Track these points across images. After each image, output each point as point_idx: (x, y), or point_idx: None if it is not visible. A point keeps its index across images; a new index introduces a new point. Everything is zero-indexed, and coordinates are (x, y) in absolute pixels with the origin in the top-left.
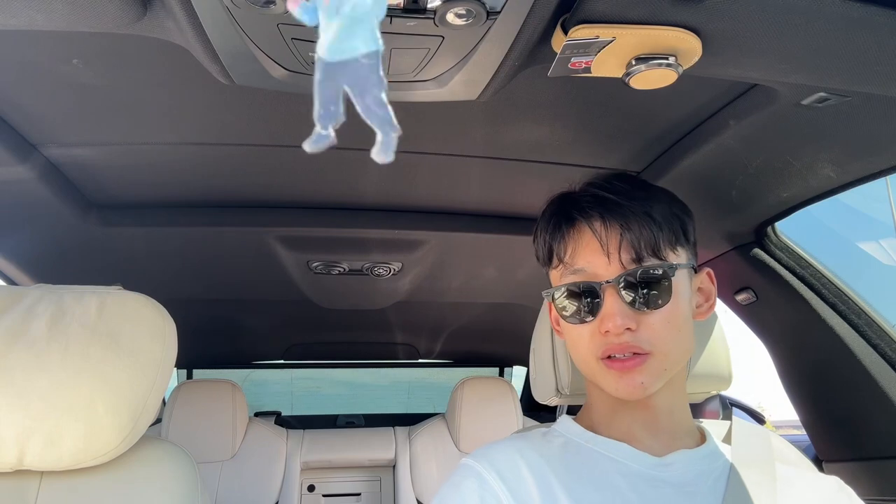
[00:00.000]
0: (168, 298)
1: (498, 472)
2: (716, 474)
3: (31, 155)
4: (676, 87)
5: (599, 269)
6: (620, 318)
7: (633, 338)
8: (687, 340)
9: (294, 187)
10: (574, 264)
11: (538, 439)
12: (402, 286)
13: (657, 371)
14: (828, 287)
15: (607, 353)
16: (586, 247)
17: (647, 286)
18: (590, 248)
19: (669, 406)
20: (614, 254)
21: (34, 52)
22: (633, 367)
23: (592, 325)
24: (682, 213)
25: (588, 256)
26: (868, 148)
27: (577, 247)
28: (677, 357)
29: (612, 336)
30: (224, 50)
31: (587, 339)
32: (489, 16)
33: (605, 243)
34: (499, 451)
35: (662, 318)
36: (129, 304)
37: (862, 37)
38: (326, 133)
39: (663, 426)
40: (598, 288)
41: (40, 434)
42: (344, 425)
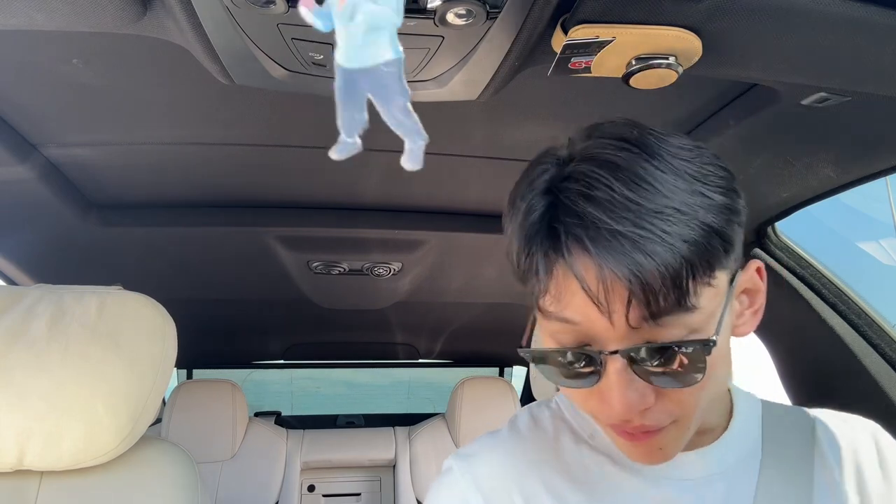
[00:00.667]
0: (168, 298)
1: (481, 491)
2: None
3: (31, 155)
4: (676, 87)
5: (598, 328)
6: (631, 402)
7: (648, 417)
8: (724, 382)
9: (294, 187)
10: (560, 313)
11: (537, 438)
12: (402, 286)
13: (681, 436)
14: (828, 287)
15: (618, 427)
16: (575, 293)
17: (671, 362)
18: (581, 296)
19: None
20: (619, 312)
21: (34, 52)
22: (648, 438)
23: (591, 391)
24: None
25: (580, 307)
26: (868, 148)
27: (563, 292)
28: (708, 410)
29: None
30: (224, 50)
31: (584, 400)
32: (489, 16)
33: (603, 303)
34: (490, 466)
35: (694, 389)
36: (129, 304)
37: (862, 37)
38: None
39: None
40: (597, 358)
41: (40, 434)
42: (344, 425)
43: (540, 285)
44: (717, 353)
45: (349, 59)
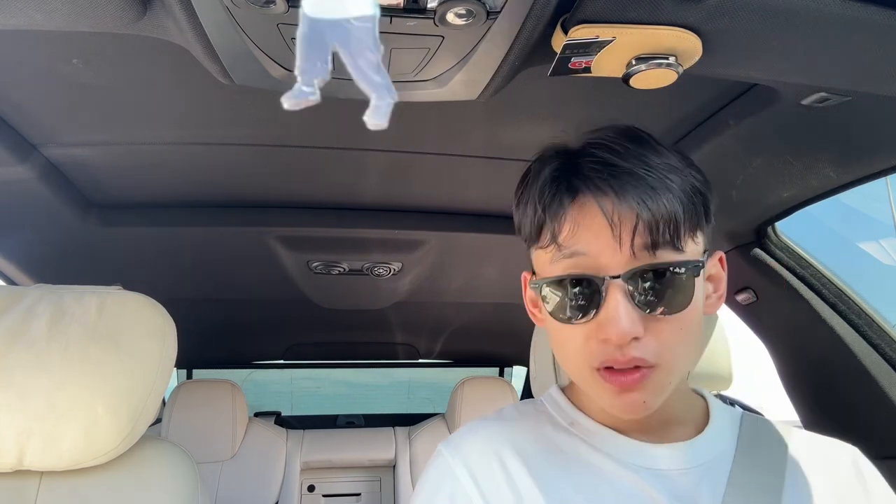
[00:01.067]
0: (168, 298)
1: (469, 469)
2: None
3: (31, 155)
4: (677, 87)
5: (604, 257)
6: (628, 325)
7: (638, 349)
8: (698, 345)
9: (294, 187)
10: (572, 246)
11: (519, 424)
12: (402, 286)
13: (661, 386)
14: (828, 287)
15: (606, 364)
16: (590, 226)
17: (664, 287)
18: (594, 228)
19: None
20: (626, 239)
21: (34, 52)
22: (634, 382)
23: (588, 328)
24: (704, 183)
25: (591, 238)
26: (868, 148)
27: (578, 225)
28: (684, 367)
29: (613, 346)
30: (224, 50)
31: (579, 344)
32: (489, 16)
33: (616, 225)
34: (473, 443)
35: (676, 325)
36: (128, 305)
37: (862, 37)
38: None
39: (658, 415)
40: (600, 284)
41: (40, 434)
42: (344, 425)
43: (556, 225)
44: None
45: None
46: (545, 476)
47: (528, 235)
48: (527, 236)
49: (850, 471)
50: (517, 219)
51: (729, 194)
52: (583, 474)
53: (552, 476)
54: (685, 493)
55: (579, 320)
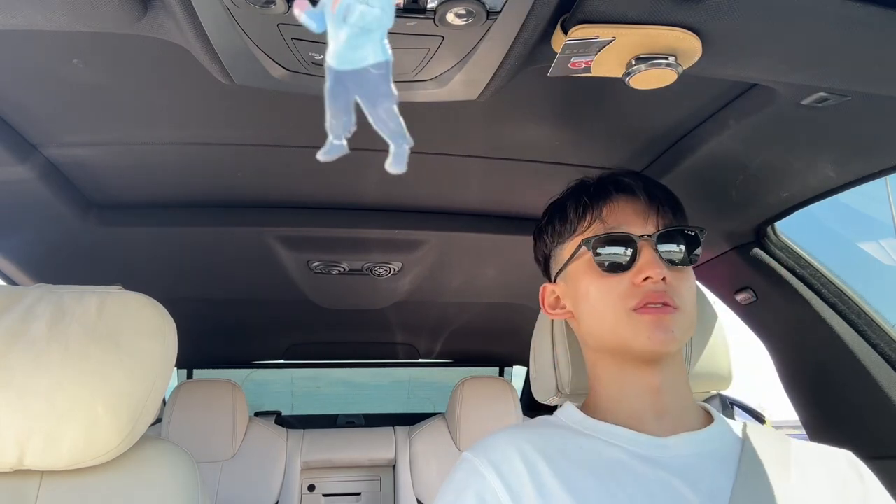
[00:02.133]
0: (168, 298)
1: (495, 468)
2: (722, 454)
3: (30, 154)
4: (676, 87)
5: (638, 228)
6: (660, 266)
7: (666, 291)
8: (696, 314)
9: (294, 187)
10: (611, 221)
11: (537, 429)
12: (403, 286)
13: (684, 326)
14: (827, 287)
15: (644, 302)
16: (625, 209)
17: (681, 243)
18: (629, 210)
19: (675, 386)
20: (652, 218)
21: (34, 52)
22: (666, 313)
23: (625, 277)
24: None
25: (627, 217)
26: (868, 148)
27: (617, 209)
28: (693, 322)
29: (650, 284)
30: (224, 50)
31: (621, 291)
32: (489, 16)
33: (647, 207)
34: (496, 445)
35: (687, 280)
36: (129, 304)
37: (862, 37)
38: (340, 143)
39: (668, 408)
40: (637, 240)
41: (40, 434)
42: (344, 425)
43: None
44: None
45: (340, 61)
46: (568, 472)
47: (566, 230)
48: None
49: (848, 470)
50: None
51: (728, 194)
52: (604, 468)
53: (575, 472)
54: (700, 479)
55: (621, 272)
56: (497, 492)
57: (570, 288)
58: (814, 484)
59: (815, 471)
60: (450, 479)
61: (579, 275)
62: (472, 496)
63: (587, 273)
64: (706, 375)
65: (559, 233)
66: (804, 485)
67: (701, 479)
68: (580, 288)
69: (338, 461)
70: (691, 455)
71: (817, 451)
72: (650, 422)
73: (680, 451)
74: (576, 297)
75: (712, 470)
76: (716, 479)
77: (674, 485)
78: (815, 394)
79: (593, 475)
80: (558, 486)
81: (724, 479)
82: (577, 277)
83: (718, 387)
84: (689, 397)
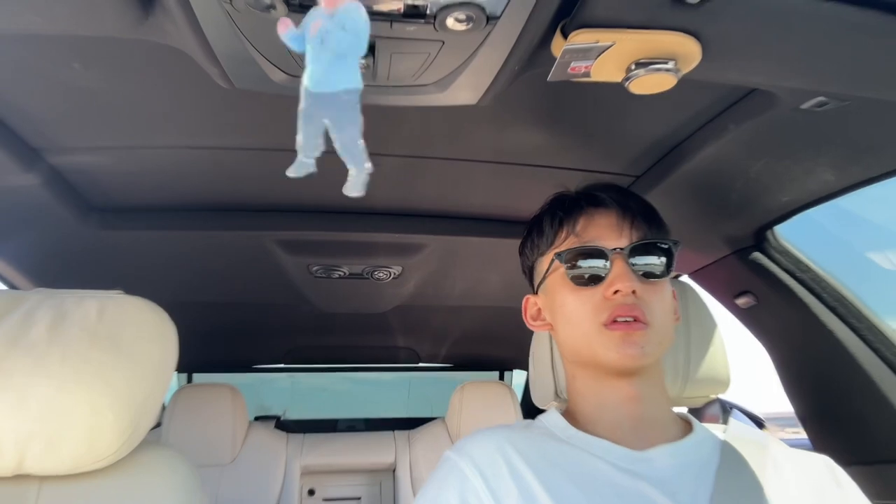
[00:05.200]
0: (168, 302)
1: (478, 468)
2: (701, 463)
3: (32, 159)
4: (676, 92)
5: (611, 241)
6: (630, 280)
7: (636, 305)
8: (672, 328)
9: (294, 191)
10: (585, 235)
11: (520, 431)
12: (403, 290)
13: (655, 342)
14: (828, 291)
15: (613, 317)
16: (599, 223)
17: (655, 256)
18: (602, 224)
19: (652, 397)
20: (626, 231)
21: (36, 58)
22: (635, 330)
23: (598, 291)
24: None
25: (600, 230)
26: (867, 152)
27: (591, 222)
28: (667, 337)
29: (620, 297)
30: (224, 54)
31: (592, 305)
32: (489, 20)
33: (620, 220)
34: (479, 444)
35: (659, 294)
36: (129, 309)
37: (860, 41)
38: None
39: (647, 419)
40: (608, 253)
41: (40, 439)
42: (344, 429)
43: (577, 218)
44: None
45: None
46: (547, 475)
47: (543, 243)
48: (538, 245)
49: (826, 475)
50: (531, 234)
51: (728, 198)
52: (585, 477)
53: (554, 476)
54: (679, 489)
55: (593, 285)
56: (479, 492)
57: (548, 300)
58: (792, 490)
59: (793, 477)
60: (432, 477)
61: (556, 287)
62: (454, 496)
63: (562, 286)
64: (705, 380)
65: (537, 246)
66: (782, 491)
67: (680, 490)
68: (556, 300)
69: (338, 465)
70: (670, 466)
71: (796, 456)
72: (629, 434)
73: (659, 462)
74: (553, 309)
75: (691, 480)
76: (695, 489)
77: (653, 496)
78: (815, 397)
79: (574, 483)
80: (541, 489)
81: (702, 488)
82: (554, 290)
83: (717, 391)
84: (667, 408)
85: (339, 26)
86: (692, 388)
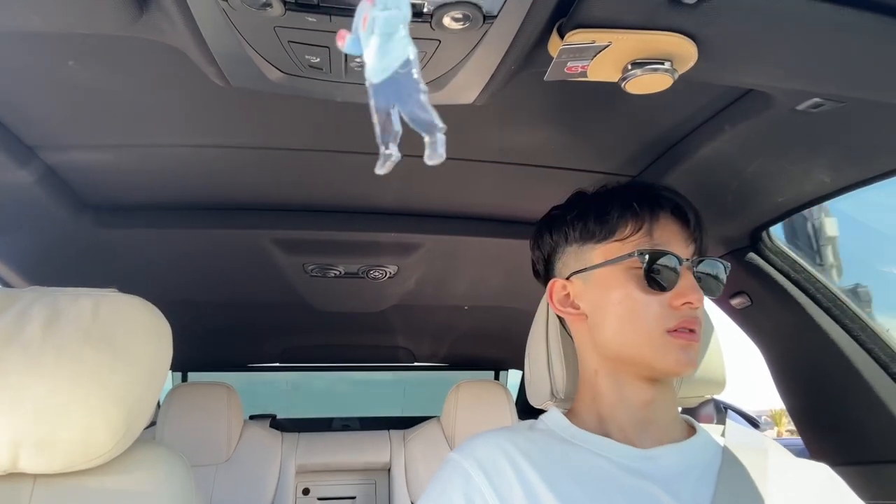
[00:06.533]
0: (163, 301)
1: (482, 468)
2: (704, 464)
3: (28, 157)
4: (672, 92)
5: (680, 251)
6: (699, 294)
7: (697, 316)
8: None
9: (289, 190)
10: (658, 237)
11: (523, 433)
12: (398, 290)
13: (700, 354)
14: (822, 291)
15: (680, 326)
16: (670, 228)
17: (713, 274)
18: (673, 230)
19: (665, 402)
20: (691, 242)
21: (30, 55)
22: (693, 342)
23: (663, 297)
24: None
25: (673, 236)
26: (862, 153)
27: (663, 226)
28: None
29: (688, 309)
30: (220, 52)
31: (658, 310)
32: (486, 20)
33: (686, 229)
34: (483, 445)
35: (704, 310)
36: (124, 307)
37: (856, 43)
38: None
39: (655, 421)
40: (679, 264)
41: (34, 437)
42: (339, 428)
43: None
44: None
45: (375, 74)
46: (552, 475)
47: (602, 231)
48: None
49: (828, 484)
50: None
51: (723, 199)
52: (589, 477)
53: (558, 476)
54: (682, 489)
55: (663, 290)
56: (484, 492)
57: (591, 291)
58: (792, 495)
59: (794, 483)
60: (436, 478)
61: (613, 282)
62: (459, 496)
63: (625, 283)
64: (701, 381)
65: (592, 232)
66: (783, 495)
67: (683, 490)
68: (611, 295)
69: (333, 465)
70: (674, 466)
71: (796, 463)
72: (635, 434)
73: (663, 462)
74: (599, 302)
75: (694, 480)
76: (697, 489)
77: (657, 495)
78: (809, 398)
79: (578, 484)
80: (546, 489)
81: (705, 489)
82: (609, 284)
83: (713, 392)
84: (675, 411)
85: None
86: (688, 388)
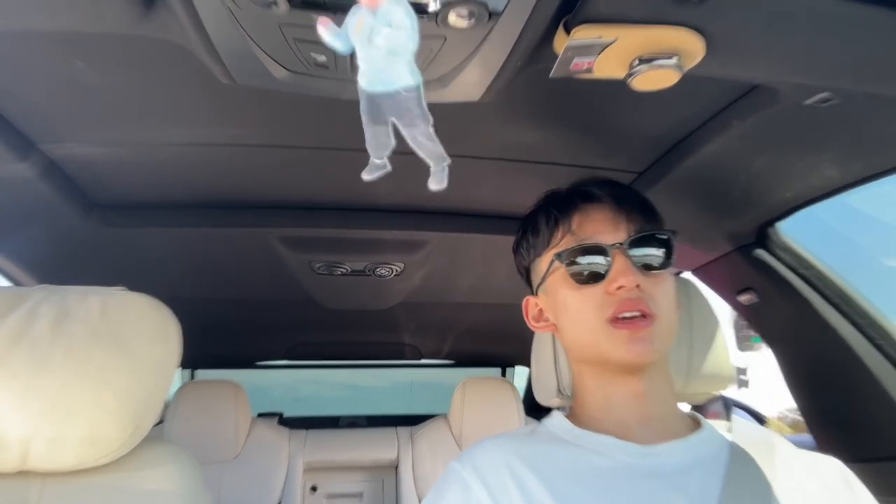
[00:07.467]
0: (171, 299)
1: (480, 476)
2: (711, 459)
3: (31, 153)
4: (678, 88)
5: (609, 236)
6: (634, 274)
7: (640, 299)
8: (676, 320)
9: (296, 188)
10: (582, 232)
11: (524, 438)
12: (405, 287)
13: (662, 336)
14: (830, 287)
15: (618, 313)
16: (595, 218)
17: (655, 248)
18: (599, 219)
19: (660, 393)
20: (623, 224)
21: (36, 51)
22: (642, 327)
23: (600, 288)
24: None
25: (597, 226)
26: (870, 148)
27: (587, 218)
28: (673, 329)
29: (624, 293)
30: (226, 50)
31: (596, 302)
32: (491, 17)
33: (616, 214)
34: (482, 454)
35: (662, 286)
36: (132, 305)
37: (864, 37)
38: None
39: (654, 415)
40: (608, 248)
41: (43, 435)
42: (346, 426)
43: (573, 216)
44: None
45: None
46: (556, 482)
47: (540, 244)
48: (535, 245)
49: (839, 480)
50: (525, 234)
51: (731, 194)
52: (592, 477)
53: (563, 482)
54: (688, 484)
55: (595, 282)
56: (482, 501)
57: (550, 301)
58: (802, 489)
59: (804, 477)
60: (436, 488)
61: (557, 287)
62: None
63: (563, 285)
64: (708, 377)
65: (533, 246)
66: (793, 491)
67: (689, 485)
68: (558, 300)
69: (340, 462)
70: (679, 462)
71: (805, 458)
72: (637, 430)
73: (667, 458)
74: (556, 309)
75: (700, 476)
76: (704, 484)
77: (663, 492)
78: (818, 394)
79: (582, 485)
80: (547, 495)
81: (712, 484)
82: (555, 290)
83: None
84: (674, 404)
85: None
86: (695, 384)
